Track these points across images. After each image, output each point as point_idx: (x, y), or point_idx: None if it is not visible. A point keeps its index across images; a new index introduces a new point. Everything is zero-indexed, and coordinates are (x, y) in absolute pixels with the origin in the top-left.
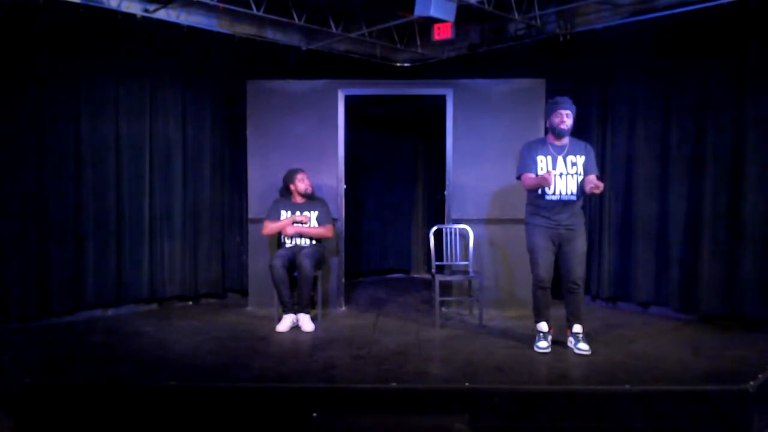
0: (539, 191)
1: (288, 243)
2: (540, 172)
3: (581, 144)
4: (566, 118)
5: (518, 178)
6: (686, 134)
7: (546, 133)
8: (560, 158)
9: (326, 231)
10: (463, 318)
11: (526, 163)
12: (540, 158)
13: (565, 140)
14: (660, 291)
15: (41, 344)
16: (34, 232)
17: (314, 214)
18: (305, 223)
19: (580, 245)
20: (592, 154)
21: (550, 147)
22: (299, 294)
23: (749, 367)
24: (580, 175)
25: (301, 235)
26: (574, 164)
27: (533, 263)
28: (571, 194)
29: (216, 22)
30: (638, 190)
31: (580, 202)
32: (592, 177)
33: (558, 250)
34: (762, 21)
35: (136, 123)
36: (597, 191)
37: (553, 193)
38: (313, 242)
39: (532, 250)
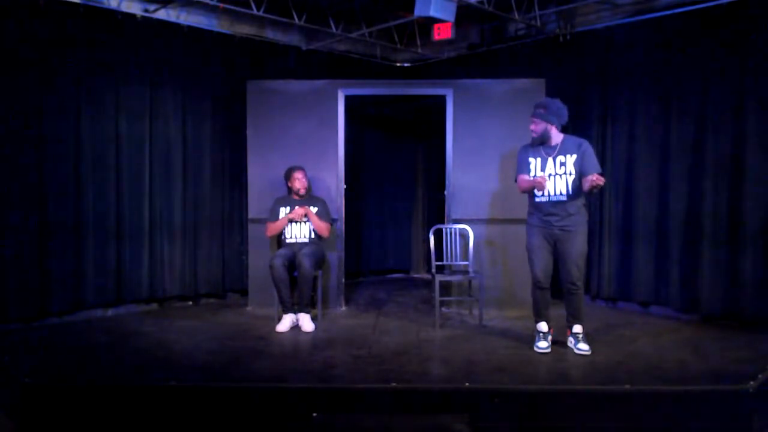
0: (534, 192)
1: (288, 238)
2: (531, 174)
3: (576, 143)
4: (531, 125)
5: (516, 181)
6: (686, 134)
7: None
8: (550, 159)
9: (325, 226)
10: (463, 318)
11: (521, 165)
12: (531, 160)
13: (558, 140)
14: (660, 291)
15: (41, 344)
16: (34, 232)
17: (313, 210)
18: (302, 217)
19: (576, 246)
20: (589, 151)
21: (541, 149)
22: (299, 294)
23: (749, 367)
24: (570, 174)
25: (307, 217)
26: (562, 164)
27: (530, 263)
28: (560, 194)
29: (216, 22)
30: (638, 190)
31: (579, 202)
32: (591, 176)
33: (555, 251)
34: (762, 20)
35: (136, 123)
36: (597, 185)
37: (542, 194)
38: (312, 237)
39: (529, 251)
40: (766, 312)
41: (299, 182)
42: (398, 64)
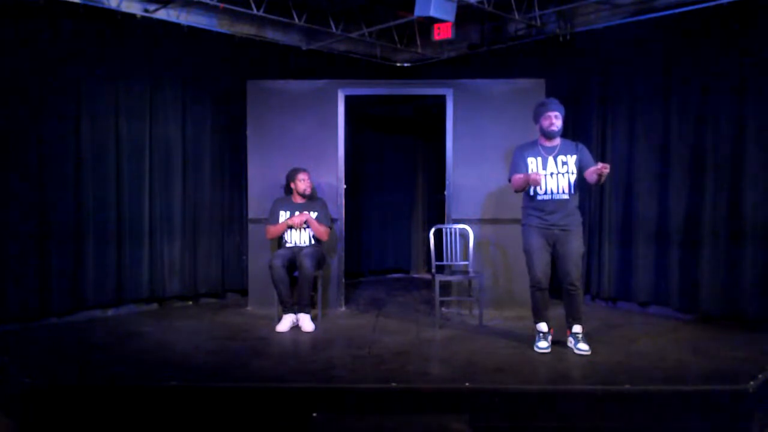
0: (531, 192)
1: (288, 242)
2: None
3: (572, 144)
4: (555, 120)
5: (510, 180)
6: (686, 134)
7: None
8: (550, 158)
9: (325, 231)
10: (463, 318)
11: (517, 164)
12: (530, 160)
13: (557, 141)
14: (660, 291)
15: (41, 344)
16: (34, 231)
17: (313, 215)
18: (302, 224)
19: (575, 246)
20: (586, 150)
21: (540, 148)
22: (299, 294)
23: (749, 367)
24: (572, 174)
25: (308, 224)
26: (564, 163)
27: (529, 265)
28: (563, 192)
29: (216, 22)
30: (638, 190)
31: (575, 202)
32: (597, 165)
33: (554, 251)
34: (762, 20)
35: (136, 123)
36: (604, 173)
37: (545, 193)
38: (313, 242)
39: (528, 252)
40: (766, 312)
41: (304, 183)
42: (398, 64)
